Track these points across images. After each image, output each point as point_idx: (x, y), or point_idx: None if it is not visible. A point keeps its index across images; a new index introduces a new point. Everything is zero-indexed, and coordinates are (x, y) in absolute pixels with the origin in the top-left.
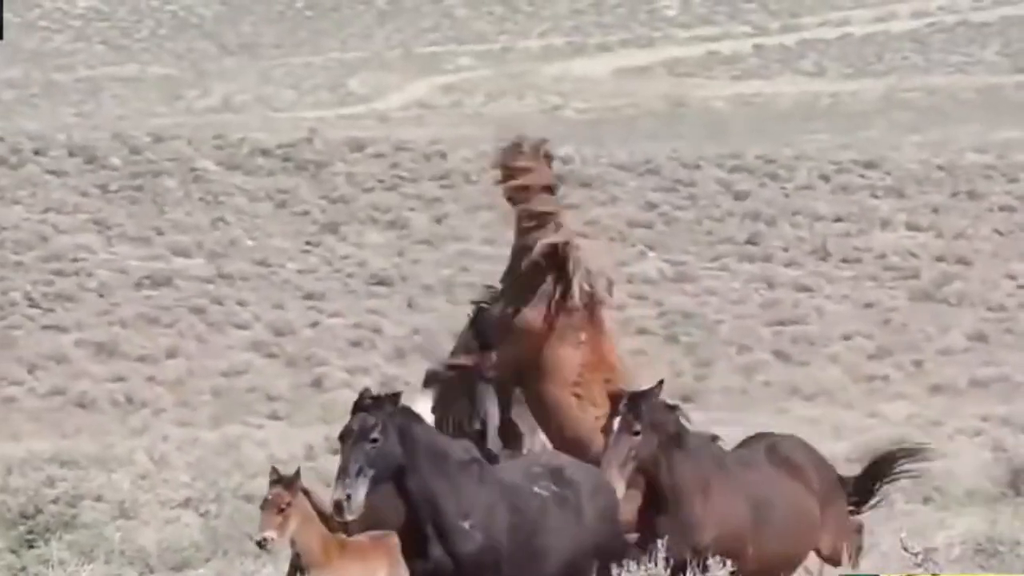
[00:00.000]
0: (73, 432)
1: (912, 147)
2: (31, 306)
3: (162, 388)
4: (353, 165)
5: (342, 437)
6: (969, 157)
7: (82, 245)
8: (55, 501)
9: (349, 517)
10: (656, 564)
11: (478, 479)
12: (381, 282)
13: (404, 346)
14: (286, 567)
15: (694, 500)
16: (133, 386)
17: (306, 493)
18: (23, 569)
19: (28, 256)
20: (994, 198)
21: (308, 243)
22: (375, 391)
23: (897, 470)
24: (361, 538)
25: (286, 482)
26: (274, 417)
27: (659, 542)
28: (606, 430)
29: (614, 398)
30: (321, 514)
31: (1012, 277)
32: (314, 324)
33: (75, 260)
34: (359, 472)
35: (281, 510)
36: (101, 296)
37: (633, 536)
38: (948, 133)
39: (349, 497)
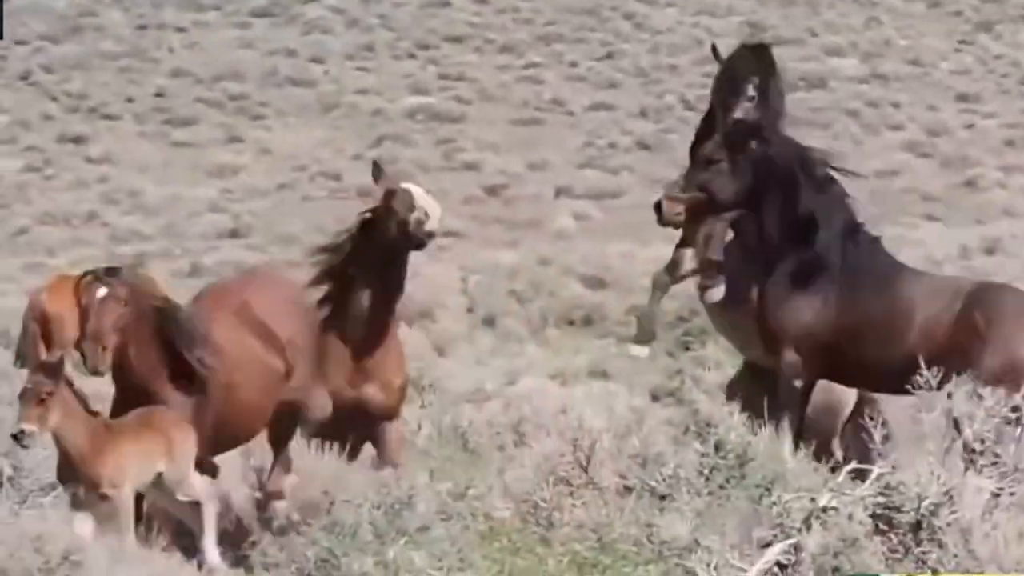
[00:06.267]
0: None
1: None
2: (686, 109)
3: None
4: None
5: None
6: None
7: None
8: None
9: None
10: None
11: None
12: None
13: None
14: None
15: None
16: None
17: (69, 383)
18: (679, 372)
19: (682, 59)
20: None
21: (961, 42)
22: None
23: None
24: (128, 419)
25: (48, 369)
26: (929, 217)
27: None
28: None
29: None
30: (84, 402)
31: None
32: (968, 125)
33: None
34: None
35: (42, 400)
36: None
37: None
38: None
39: None
